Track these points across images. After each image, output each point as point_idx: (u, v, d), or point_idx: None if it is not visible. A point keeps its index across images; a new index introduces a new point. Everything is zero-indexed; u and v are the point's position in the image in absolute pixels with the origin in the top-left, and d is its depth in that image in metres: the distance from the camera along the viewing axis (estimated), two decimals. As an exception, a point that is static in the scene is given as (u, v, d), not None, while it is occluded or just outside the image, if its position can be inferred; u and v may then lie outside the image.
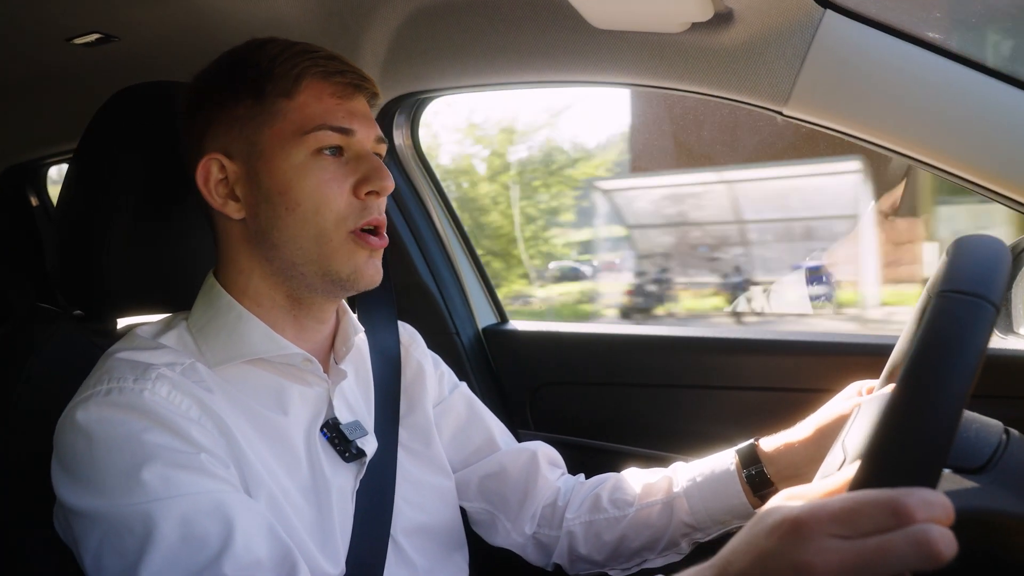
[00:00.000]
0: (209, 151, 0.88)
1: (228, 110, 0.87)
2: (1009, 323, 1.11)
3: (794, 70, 1.00)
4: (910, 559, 0.46)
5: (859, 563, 0.47)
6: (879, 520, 0.48)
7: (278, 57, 0.87)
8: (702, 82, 1.08)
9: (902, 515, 0.47)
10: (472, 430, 1.13)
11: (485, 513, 1.11)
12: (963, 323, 0.51)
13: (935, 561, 0.45)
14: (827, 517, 0.49)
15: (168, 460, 0.75)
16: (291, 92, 0.86)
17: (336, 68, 0.88)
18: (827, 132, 1.03)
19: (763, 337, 1.35)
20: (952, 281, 0.53)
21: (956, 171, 0.96)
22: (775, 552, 0.50)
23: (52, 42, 1.37)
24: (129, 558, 0.71)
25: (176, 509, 0.73)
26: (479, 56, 1.24)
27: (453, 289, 1.55)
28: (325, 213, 0.85)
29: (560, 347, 1.49)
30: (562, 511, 1.09)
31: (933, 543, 0.45)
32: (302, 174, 0.85)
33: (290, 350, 0.88)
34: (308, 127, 0.85)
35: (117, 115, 0.98)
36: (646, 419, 1.39)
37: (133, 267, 0.96)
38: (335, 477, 0.90)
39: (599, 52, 1.14)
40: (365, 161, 0.88)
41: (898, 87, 0.96)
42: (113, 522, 0.73)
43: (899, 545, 0.46)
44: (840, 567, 0.47)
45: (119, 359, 0.83)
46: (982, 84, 0.93)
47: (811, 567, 0.48)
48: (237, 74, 0.88)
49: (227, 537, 0.72)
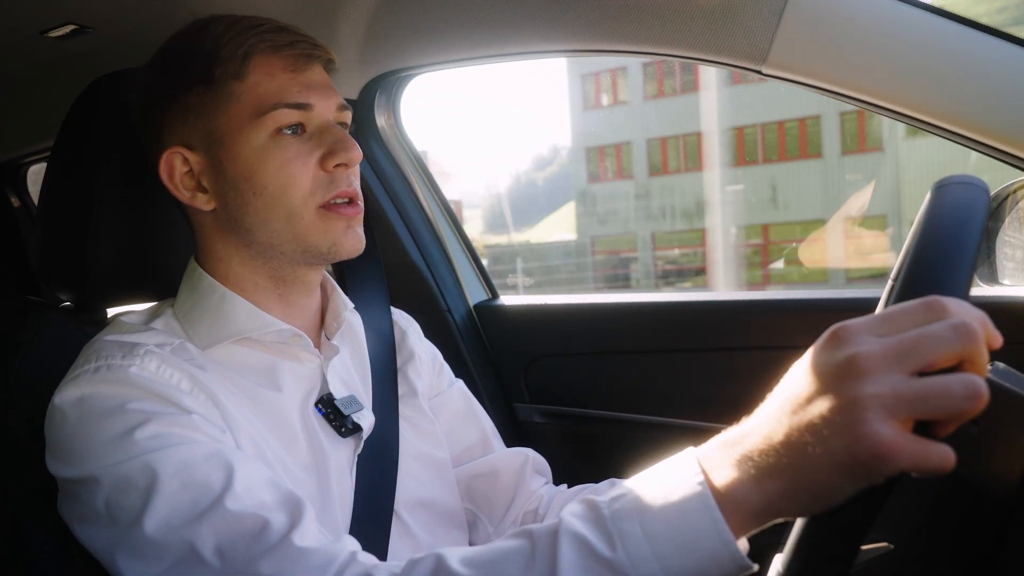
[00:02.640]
0: (169, 145, 0.86)
1: (180, 101, 0.85)
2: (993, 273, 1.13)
3: (771, 28, 1.00)
4: (951, 342, 0.47)
5: (901, 349, 0.48)
6: (917, 317, 0.49)
7: (222, 37, 0.84)
8: (679, 45, 1.08)
9: (937, 309, 0.49)
10: (467, 428, 1.13)
11: (469, 513, 1.10)
12: (962, 196, 0.54)
13: (974, 344, 0.47)
14: (865, 322, 0.51)
15: (160, 421, 0.75)
16: (241, 73, 0.83)
17: (285, 40, 0.85)
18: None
19: (752, 298, 1.36)
20: (947, 179, 0.57)
21: (937, 122, 0.97)
22: (817, 360, 0.51)
23: (26, 35, 1.36)
24: (135, 510, 0.72)
25: (174, 456, 0.73)
26: (457, 30, 1.24)
27: (442, 267, 1.55)
28: (292, 192, 0.84)
29: (551, 320, 1.50)
30: (542, 519, 1.08)
31: (971, 326, 0.47)
32: (264, 157, 0.83)
33: (277, 326, 0.88)
34: (264, 108, 0.83)
35: (95, 103, 0.97)
36: (640, 385, 1.40)
37: (120, 255, 0.95)
38: (333, 452, 0.90)
39: (577, 20, 1.14)
40: (328, 134, 0.86)
41: (875, 42, 0.97)
42: (115, 480, 0.73)
43: (939, 330, 0.48)
44: (882, 354, 0.49)
45: (106, 341, 0.83)
46: (959, 35, 0.94)
47: (853, 359, 0.49)
48: (184, 62, 0.85)
49: (228, 480, 0.72)
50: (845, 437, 0.48)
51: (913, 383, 0.47)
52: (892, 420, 0.47)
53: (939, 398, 0.47)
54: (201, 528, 0.71)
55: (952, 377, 0.47)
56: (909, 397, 0.47)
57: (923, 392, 0.47)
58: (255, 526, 0.71)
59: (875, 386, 0.48)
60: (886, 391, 0.47)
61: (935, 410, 0.47)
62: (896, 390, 0.47)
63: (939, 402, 0.47)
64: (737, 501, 0.53)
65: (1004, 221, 1.10)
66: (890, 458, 0.47)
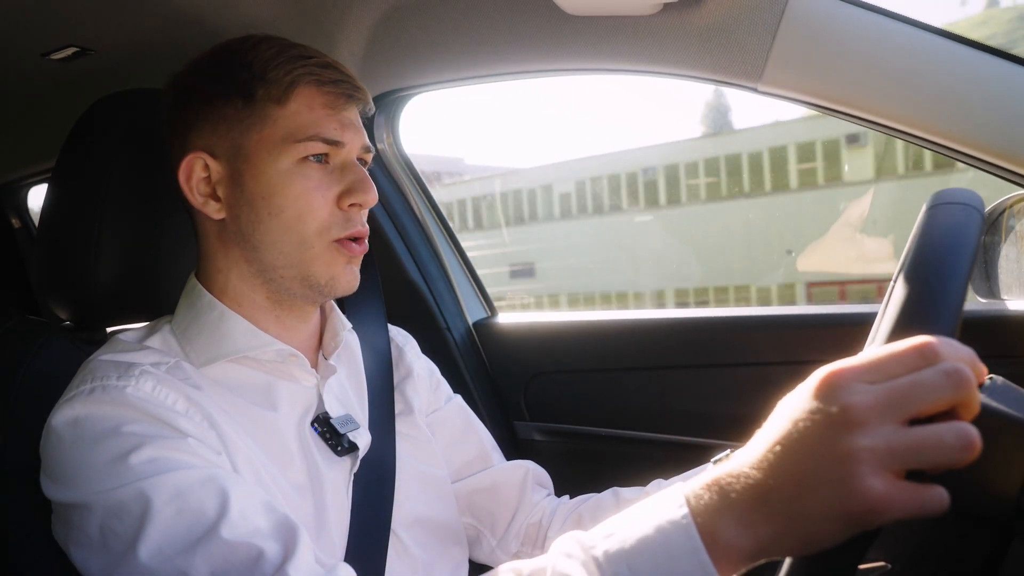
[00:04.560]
0: (194, 148, 0.87)
1: (216, 109, 0.86)
2: (990, 288, 1.13)
3: (766, 46, 1.01)
4: (944, 390, 0.47)
5: (892, 399, 0.48)
6: (908, 362, 0.49)
7: (272, 61, 0.85)
8: (675, 63, 1.09)
9: (930, 355, 0.48)
10: (466, 443, 1.13)
11: (471, 528, 1.10)
12: (954, 220, 0.54)
13: (966, 390, 0.47)
14: (855, 367, 0.50)
15: (156, 445, 0.75)
16: (283, 99, 0.85)
17: (330, 77, 0.87)
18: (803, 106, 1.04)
19: (752, 314, 1.36)
20: (937, 198, 0.56)
21: (932, 138, 0.97)
22: (807, 408, 0.50)
23: (28, 58, 1.37)
24: (128, 538, 0.71)
25: (169, 483, 0.72)
26: (456, 50, 1.25)
27: (441, 285, 1.55)
28: (308, 221, 0.85)
29: (551, 337, 1.50)
30: (545, 530, 1.08)
31: (963, 372, 0.47)
32: (287, 180, 0.85)
33: (275, 345, 0.89)
34: (299, 136, 0.84)
35: (97, 124, 0.97)
36: (641, 402, 1.40)
37: (121, 274, 0.95)
38: (329, 471, 0.90)
39: (575, 39, 1.15)
40: (350, 172, 0.88)
41: (869, 58, 0.97)
42: (109, 507, 0.73)
43: (931, 377, 0.47)
44: (875, 405, 0.48)
45: (102, 360, 0.83)
46: (953, 51, 0.95)
47: (845, 409, 0.48)
48: (229, 73, 0.86)
49: (223, 507, 0.72)
50: (839, 491, 0.48)
51: (906, 435, 0.47)
52: (885, 473, 0.47)
53: (932, 450, 0.47)
54: (195, 557, 0.70)
55: (944, 427, 0.47)
56: (902, 450, 0.47)
57: (916, 444, 0.47)
58: (249, 556, 0.70)
59: (868, 439, 0.48)
60: (879, 444, 0.47)
61: (928, 462, 0.47)
62: (889, 443, 0.47)
63: (932, 454, 0.47)
64: (726, 544, 0.53)
65: (1002, 235, 1.10)
66: (884, 511, 0.47)
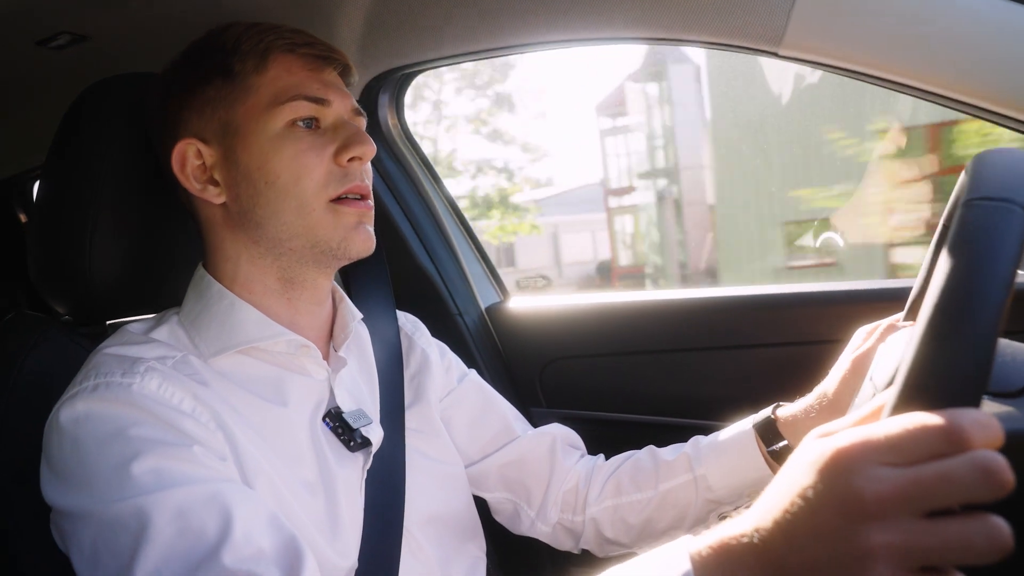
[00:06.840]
0: (183, 137, 0.86)
1: (199, 93, 0.86)
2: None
3: (787, 7, 0.96)
4: (976, 488, 0.41)
5: (917, 492, 0.43)
6: (932, 445, 0.43)
7: (243, 35, 0.86)
8: (692, 29, 1.04)
9: (956, 439, 0.42)
10: (487, 418, 1.11)
11: (507, 503, 1.09)
12: (993, 231, 0.47)
13: (1001, 489, 0.41)
14: (874, 445, 0.44)
15: (160, 453, 0.72)
16: (260, 67, 0.85)
17: (303, 40, 0.87)
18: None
19: (770, 292, 1.32)
20: (976, 190, 0.49)
21: (965, 99, 0.92)
22: (817, 488, 0.45)
23: (22, 47, 1.34)
24: (124, 556, 0.68)
25: (170, 501, 0.69)
26: (460, 24, 1.20)
27: (452, 270, 1.51)
28: (305, 183, 0.84)
29: (565, 321, 1.46)
30: (584, 495, 1.06)
31: (1000, 470, 0.41)
32: (278, 146, 0.83)
33: (287, 336, 0.86)
34: (282, 98, 0.84)
35: (90, 110, 0.95)
36: (658, 386, 1.36)
37: (120, 266, 0.93)
38: (341, 468, 0.87)
39: (586, 7, 1.10)
40: (343, 128, 0.87)
41: (896, 16, 0.92)
42: (106, 520, 0.69)
43: (962, 472, 0.42)
44: (895, 496, 0.43)
45: (107, 354, 0.80)
46: (987, 5, 0.89)
47: (860, 498, 0.43)
48: (204, 57, 0.87)
49: (225, 528, 0.69)
50: None
51: (928, 533, 0.42)
52: (903, 571, 0.43)
53: (957, 552, 0.42)
54: None
55: (974, 527, 0.42)
56: (922, 550, 0.42)
57: (939, 545, 0.42)
58: None
59: (885, 534, 0.43)
60: (898, 541, 0.42)
61: (951, 562, 0.42)
62: (908, 541, 0.42)
63: (957, 556, 0.42)
64: None
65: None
66: None
